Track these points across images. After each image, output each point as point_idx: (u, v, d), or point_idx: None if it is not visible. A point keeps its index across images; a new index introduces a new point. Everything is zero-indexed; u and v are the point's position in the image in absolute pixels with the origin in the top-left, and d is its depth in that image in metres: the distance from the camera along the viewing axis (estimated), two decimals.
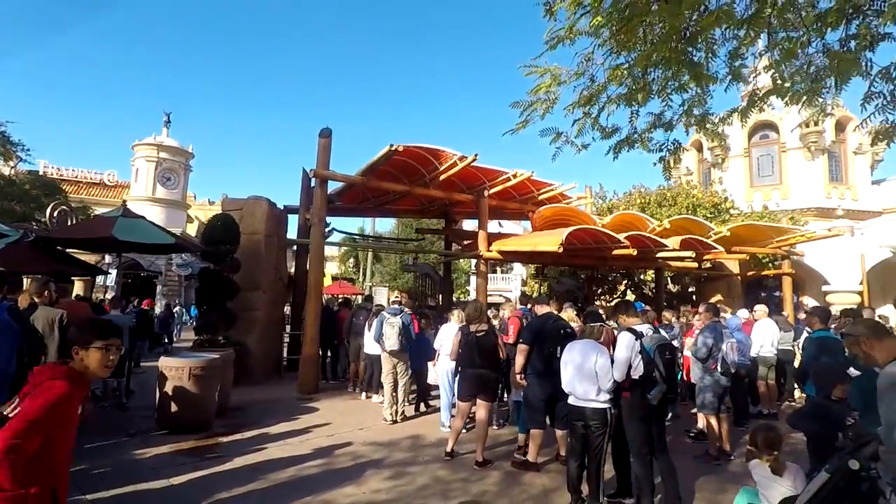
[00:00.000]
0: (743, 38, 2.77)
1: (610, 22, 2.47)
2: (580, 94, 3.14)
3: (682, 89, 2.92)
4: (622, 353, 4.14)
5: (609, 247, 10.91)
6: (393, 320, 7.18)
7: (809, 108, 3.65)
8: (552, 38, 2.96)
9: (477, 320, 5.46)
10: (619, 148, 3.38)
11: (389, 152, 9.13)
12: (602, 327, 4.39)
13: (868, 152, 21.44)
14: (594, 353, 4.18)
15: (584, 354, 4.22)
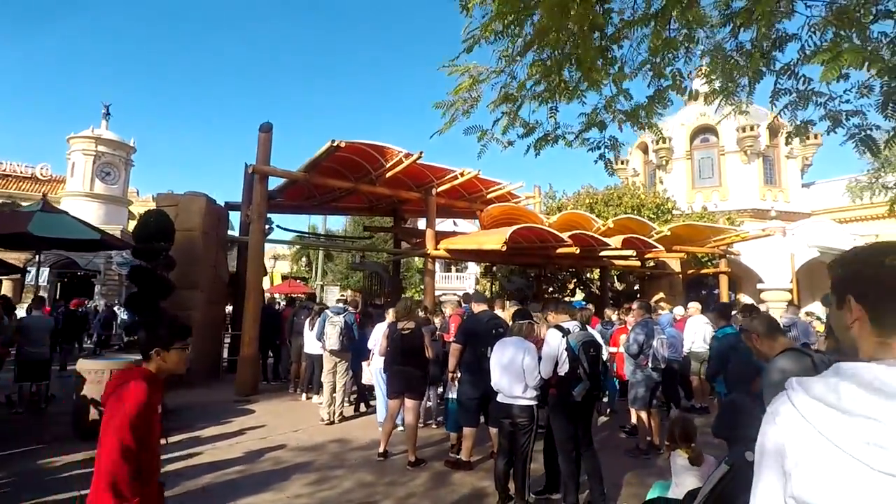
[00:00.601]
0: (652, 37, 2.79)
1: (511, 15, 2.43)
2: (500, 92, 3.09)
3: (594, 85, 2.92)
4: (549, 350, 4.15)
5: (553, 245, 11.06)
6: (335, 319, 7.00)
7: (727, 105, 3.73)
8: (469, 37, 2.91)
9: (406, 318, 5.37)
10: (540, 145, 3.35)
11: (331, 148, 8.92)
12: (530, 325, 4.39)
13: (799, 157, 22.71)
14: (521, 351, 4.17)
15: (511, 352, 4.21)
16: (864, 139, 3.21)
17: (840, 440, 0.81)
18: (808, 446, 0.84)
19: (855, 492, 0.78)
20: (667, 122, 25.19)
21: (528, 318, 4.41)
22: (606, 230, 12.87)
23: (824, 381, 0.87)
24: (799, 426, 0.86)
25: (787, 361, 2.48)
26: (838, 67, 2.23)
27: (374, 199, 14.09)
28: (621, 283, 19.39)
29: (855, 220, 20.91)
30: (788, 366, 2.47)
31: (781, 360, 2.49)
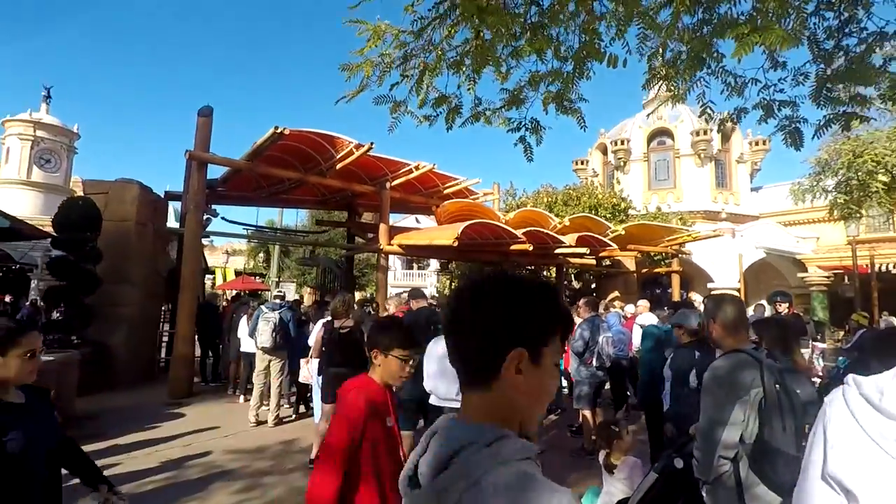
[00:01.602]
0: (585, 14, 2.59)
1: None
2: (407, 56, 2.76)
3: (517, 56, 2.68)
4: None
5: (508, 242, 10.91)
6: (269, 315, 6.59)
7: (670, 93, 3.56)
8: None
9: (343, 315, 5.04)
10: (452, 117, 3.06)
11: (274, 135, 8.45)
12: None
13: (748, 161, 23.48)
14: None
15: (445, 350, 3.95)
16: (792, 132, 3.12)
17: (876, 435, 0.93)
18: (847, 434, 0.97)
19: (883, 480, 0.89)
20: (625, 123, 25.64)
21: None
22: (562, 228, 12.86)
23: (875, 381, 0.99)
24: (844, 416, 0.99)
25: (725, 362, 2.30)
26: (751, 44, 2.06)
27: (326, 192, 13.61)
28: (578, 281, 19.56)
29: (798, 223, 21.76)
30: (723, 365, 2.29)
31: (721, 360, 2.31)
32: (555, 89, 3.10)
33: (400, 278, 37.34)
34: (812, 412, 2.17)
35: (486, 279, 0.90)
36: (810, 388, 2.19)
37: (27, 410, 1.85)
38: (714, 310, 2.43)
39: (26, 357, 1.84)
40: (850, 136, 8.78)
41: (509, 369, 0.81)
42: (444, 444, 0.81)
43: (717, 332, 2.42)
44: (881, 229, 19.97)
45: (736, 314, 2.40)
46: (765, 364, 2.20)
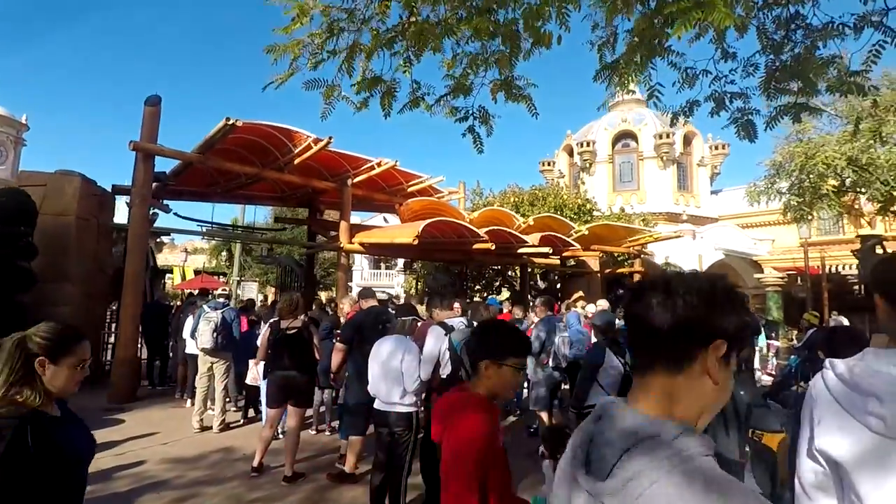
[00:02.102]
0: None
1: None
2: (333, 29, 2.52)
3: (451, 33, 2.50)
4: (429, 350, 3.74)
5: (470, 241, 10.78)
6: (211, 315, 6.25)
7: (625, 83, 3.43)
8: None
9: (290, 315, 4.77)
10: (387, 102, 2.85)
11: (226, 127, 8.08)
12: (414, 321, 3.95)
13: (708, 165, 24.08)
14: (401, 350, 3.72)
15: (390, 351, 3.75)
16: (745, 124, 3.05)
17: (851, 408, 1.04)
18: (828, 411, 1.10)
19: (862, 448, 1.00)
20: (591, 125, 25.94)
21: (412, 314, 3.97)
22: (526, 227, 12.82)
23: (846, 363, 1.11)
24: (824, 395, 1.13)
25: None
26: (692, 20, 1.95)
27: (286, 189, 13.21)
28: (544, 281, 19.62)
29: (755, 225, 22.43)
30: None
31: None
32: (500, 77, 2.94)
33: (367, 278, 36.86)
34: (757, 415, 2.06)
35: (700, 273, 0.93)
36: (754, 390, 2.09)
37: (69, 422, 1.72)
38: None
39: (77, 368, 1.67)
40: (802, 138, 9.03)
41: (710, 357, 0.82)
42: (622, 435, 0.80)
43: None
44: (831, 232, 20.76)
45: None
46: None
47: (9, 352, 1.60)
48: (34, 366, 1.59)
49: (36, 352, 1.60)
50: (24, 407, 1.55)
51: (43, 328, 1.67)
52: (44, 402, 1.60)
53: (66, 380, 1.64)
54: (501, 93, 3.04)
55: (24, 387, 1.57)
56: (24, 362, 1.58)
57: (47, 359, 1.61)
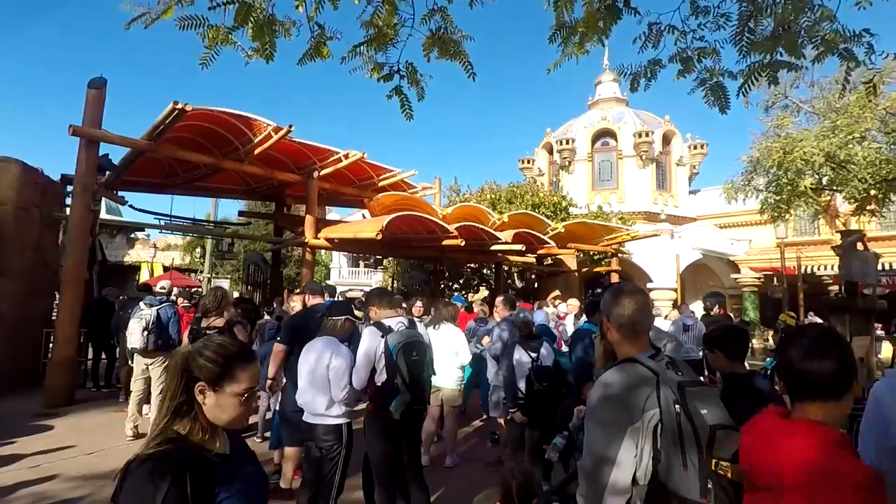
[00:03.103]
0: None
1: None
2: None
3: None
4: (363, 354, 3.30)
5: (440, 237, 10.36)
6: (144, 312, 5.72)
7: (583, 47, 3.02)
8: None
9: (214, 313, 4.29)
10: (267, 43, 2.36)
11: (174, 111, 7.51)
12: (349, 321, 3.50)
13: (687, 164, 24.02)
14: (328, 354, 3.28)
15: (317, 356, 3.30)
16: (714, 88, 2.68)
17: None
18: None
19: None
20: (571, 123, 25.72)
21: (347, 313, 3.52)
22: (501, 224, 12.47)
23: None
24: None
25: (616, 376, 1.75)
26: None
27: (251, 181, 12.64)
28: (521, 280, 19.32)
29: (733, 225, 22.42)
30: (614, 380, 1.75)
31: (611, 374, 1.77)
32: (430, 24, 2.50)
33: (346, 276, 36.24)
34: (722, 440, 1.65)
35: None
36: (720, 411, 1.67)
37: (239, 461, 1.40)
38: (609, 305, 1.89)
39: (242, 398, 1.37)
40: (780, 133, 8.80)
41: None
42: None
43: (612, 334, 1.88)
44: (807, 232, 20.82)
45: (636, 311, 1.85)
46: (663, 377, 1.66)
47: (171, 372, 1.36)
48: (195, 392, 1.33)
49: (197, 375, 1.33)
50: (184, 442, 1.28)
51: (211, 345, 1.38)
52: (209, 436, 1.31)
53: (230, 412, 1.35)
54: (435, 50, 2.60)
55: (186, 417, 1.31)
56: (185, 387, 1.33)
57: (208, 385, 1.33)
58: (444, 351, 5.29)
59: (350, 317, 3.47)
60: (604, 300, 1.92)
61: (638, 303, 1.83)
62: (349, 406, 3.32)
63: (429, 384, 3.67)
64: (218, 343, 1.39)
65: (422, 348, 3.52)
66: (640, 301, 1.84)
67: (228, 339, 1.44)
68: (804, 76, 10.67)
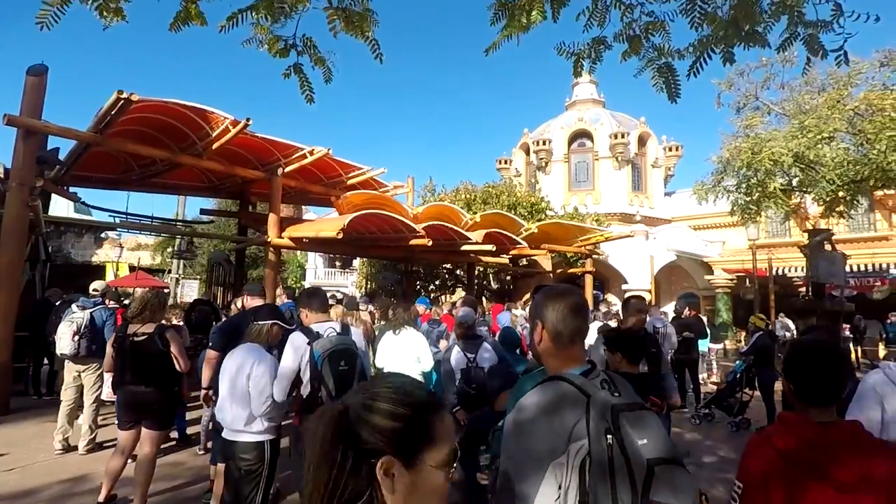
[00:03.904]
0: None
1: None
2: None
3: None
4: (286, 363, 2.98)
5: (408, 236, 10.04)
6: (75, 315, 5.29)
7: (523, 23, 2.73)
8: None
9: (140, 319, 3.91)
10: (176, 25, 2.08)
11: (119, 100, 7.05)
12: (274, 326, 3.17)
13: (662, 166, 24.14)
14: (250, 363, 2.94)
15: (238, 365, 2.96)
16: (663, 68, 2.44)
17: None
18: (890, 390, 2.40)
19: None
20: (548, 124, 25.66)
21: (275, 317, 3.19)
22: (473, 224, 12.22)
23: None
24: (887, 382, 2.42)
25: (537, 398, 1.45)
26: None
27: (214, 178, 12.14)
28: (496, 281, 19.11)
29: (706, 227, 22.58)
30: (534, 403, 1.44)
31: (532, 395, 1.47)
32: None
33: (322, 277, 35.59)
34: (662, 479, 1.36)
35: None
36: (661, 442, 1.38)
37: None
38: (542, 307, 1.55)
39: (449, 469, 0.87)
40: (749, 133, 8.73)
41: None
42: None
43: (543, 343, 1.55)
44: (778, 234, 21.05)
45: (573, 316, 1.50)
46: (594, 400, 1.37)
47: (323, 448, 0.82)
48: (375, 473, 0.81)
49: (376, 445, 0.82)
50: None
51: (381, 391, 0.87)
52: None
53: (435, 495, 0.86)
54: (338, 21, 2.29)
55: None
56: (354, 468, 0.81)
57: (399, 458, 0.82)
58: (405, 357, 4.99)
59: (279, 322, 3.14)
60: (535, 302, 1.63)
61: (575, 307, 1.53)
62: (273, 421, 2.98)
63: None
64: (391, 386, 0.89)
65: (352, 357, 3.19)
66: (577, 305, 1.55)
67: (405, 379, 0.93)
68: (775, 78, 10.67)
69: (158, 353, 3.88)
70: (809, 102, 9.23)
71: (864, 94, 8.16)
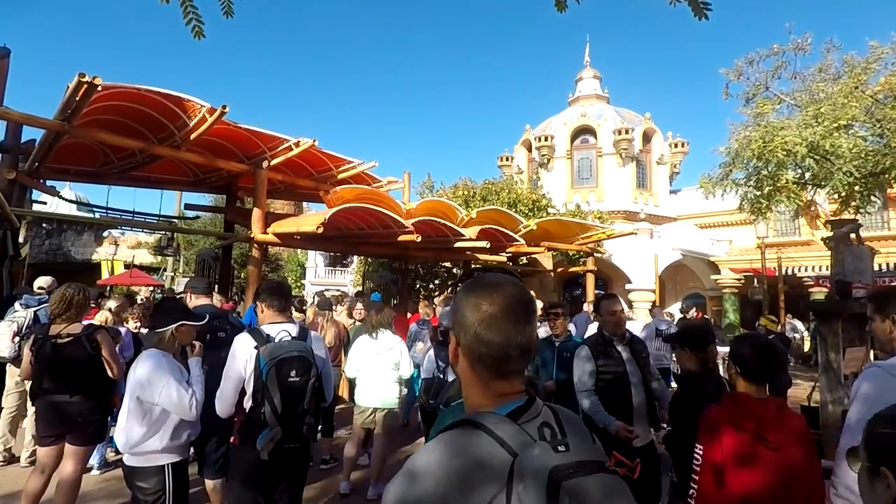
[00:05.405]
0: None
1: None
2: None
3: None
4: (230, 371, 2.51)
5: (396, 232, 9.54)
6: (17, 314, 4.84)
7: None
8: None
9: (62, 317, 3.43)
10: None
11: (81, 84, 6.56)
12: (181, 329, 2.67)
13: (668, 163, 23.50)
14: (145, 374, 2.46)
15: (134, 376, 2.48)
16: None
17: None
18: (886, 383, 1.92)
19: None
20: (550, 120, 25.08)
21: (179, 317, 2.69)
22: (469, 221, 11.72)
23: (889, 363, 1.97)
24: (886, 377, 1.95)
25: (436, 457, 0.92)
26: None
27: (199, 172, 11.68)
28: None
29: (713, 225, 21.95)
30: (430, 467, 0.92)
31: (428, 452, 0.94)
32: None
33: (322, 275, 35.19)
34: None
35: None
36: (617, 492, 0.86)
37: None
38: (459, 310, 1.03)
39: None
40: (760, 122, 8.16)
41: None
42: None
43: (461, 365, 1.04)
44: (788, 233, 20.40)
45: (494, 325, 0.97)
46: (524, 462, 0.85)
47: None
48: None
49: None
50: None
51: None
52: None
53: None
54: None
55: None
56: None
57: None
58: (383, 363, 4.50)
59: (187, 322, 2.65)
60: (455, 301, 1.10)
61: (508, 308, 0.98)
62: (177, 439, 2.49)
63: (315, 415, 2.83)
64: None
65: (305, 367, 2.67)
66: (512, 305, 0.99)
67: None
68: (787, 66, 10.07)
69: (86, 357, 3.40)
70: (824, 91, 8.63)
71: (884, 79, 7.58)
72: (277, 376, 2.51)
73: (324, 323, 5.62)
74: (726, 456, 1.91)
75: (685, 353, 2.97)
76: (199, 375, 2.66)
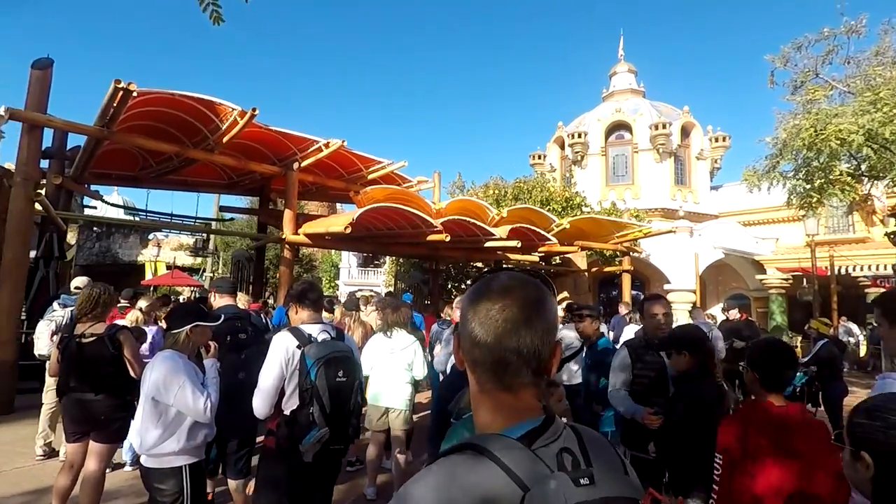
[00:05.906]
0: None
1: None
2: None
3: None
4: (270, 370, 2.44)
5: (425, 232, 9.44)
6: (56, 314, 4.97)
7: None
8: None
9: (88, 317, 3.44)
10: None
11: (117, 91, 6.74)
12: (195, 330, 2.60)
13: (708, 158, 22.61)
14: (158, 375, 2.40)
15: (147, 377, 2.43)
16: None
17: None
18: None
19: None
20: (584, 117, 24.54)
21: (193, 318, 2.63)
22: (500, 220, 11.51)
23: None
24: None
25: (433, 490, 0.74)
26: None
27: (233, 175, 11.93)
28: None
29: (758, 223, 20.99)
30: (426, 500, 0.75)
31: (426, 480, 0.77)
32: None
33: (356, 276, 35.53)
34: None
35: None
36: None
37: None
38: (462, 318, 0.87)
39: None
40: (811, 109, 7.65)
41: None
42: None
43: (471, 378, 0.87)
44: (840, 229, 19.29)
45: (505, 333, 0.81)
46: (537, 495, 0.68)
47: None
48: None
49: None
50: None
51: None
52: None
53: None
54: None
55: None
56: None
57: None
58: (396, 362, 4.40)
59: (200, 322, 2.58)
60: (462, 307, 0.93)
61: (519, 314, 0.81)
62: (193, 441, 2.43)
63: (357, 415, 2.74)
64: None
65: (350, 366, 2.60)
66: (524, 309, 0.82)
67: None
68: (838, 51, 9.45)
69: (109, 357, 3.40)
70: (881, 75, 8.04)
71: None
72: (326, 376, 2.44)
73: (351, 323, 5.56)
74: (748, 464, 1.90)
75: (683, 358, 2.84)
76: (215, 377, 2.60)
